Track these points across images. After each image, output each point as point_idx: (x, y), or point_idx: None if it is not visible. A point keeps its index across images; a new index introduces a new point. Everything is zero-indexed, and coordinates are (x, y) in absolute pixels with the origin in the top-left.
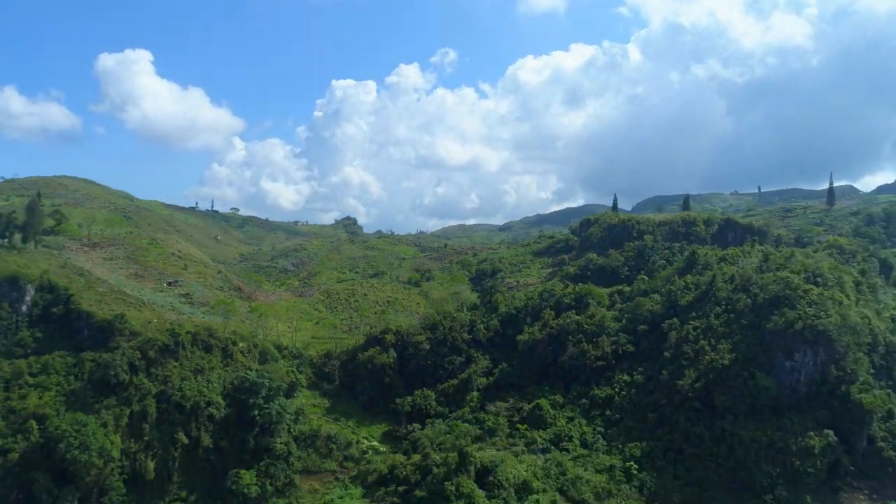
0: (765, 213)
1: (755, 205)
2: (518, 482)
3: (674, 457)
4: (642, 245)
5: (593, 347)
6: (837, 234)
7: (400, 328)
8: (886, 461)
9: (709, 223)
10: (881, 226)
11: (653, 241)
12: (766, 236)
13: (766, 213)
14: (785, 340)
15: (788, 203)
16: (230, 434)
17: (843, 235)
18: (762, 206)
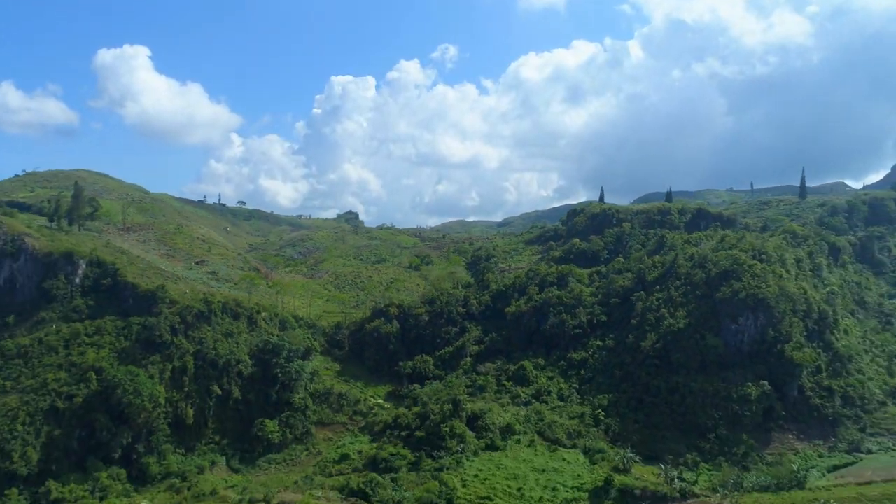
0: (744, 205)
1: (747, 200)
2: (503, 426)
3: (635, 405)
4: (621, 231)
5: (571, 318)
6: (801, 223)
7: (402, 303)
8: (813, 408)
9: (683, 212)
10: (843, 216)
11: (630, 228)
12: (735, 224)
13: (746, 205)
14: (731, 307)
15: (767, 197)
16: (256, 388)
17: (806, 225)
18: (752, 200)
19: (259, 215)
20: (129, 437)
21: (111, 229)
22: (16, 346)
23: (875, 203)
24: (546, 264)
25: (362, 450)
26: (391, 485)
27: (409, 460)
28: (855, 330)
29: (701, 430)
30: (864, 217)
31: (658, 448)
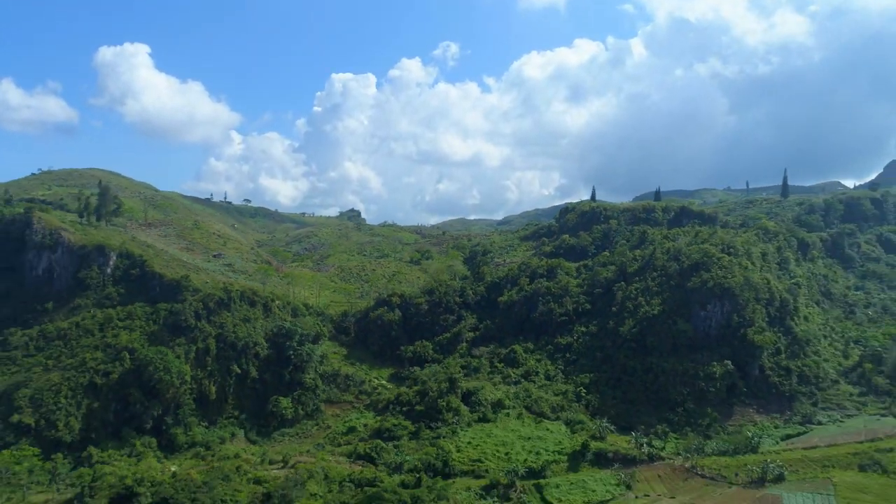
0: (732, 204)
1: (738, 199)
2: (494, 401)
3: (613, 383)
4: (608, 228)
5: (559, 306)
6: (779, 221)
7: (403, 293)
8: (772, 385)
9: (667, 210)
10: (820, 214)
11: (617, 225)
12: (715, 221)
13: (734, 204)
14: (700, 295)
15: (756, 196)
16: (271, 369)
17: (783, 222)
18: (740, 199)
19: (264, 213)
20: (159, 410)
21: (133, 225)
22: (56, 329)
23: (851, 202)
24: (537, 258)
25: (367, 423)
26: (394, 450)
27: (409, 430)
28: (817, 317)
29: (671, 404)
30: (839, 215)
31: (632, 420)
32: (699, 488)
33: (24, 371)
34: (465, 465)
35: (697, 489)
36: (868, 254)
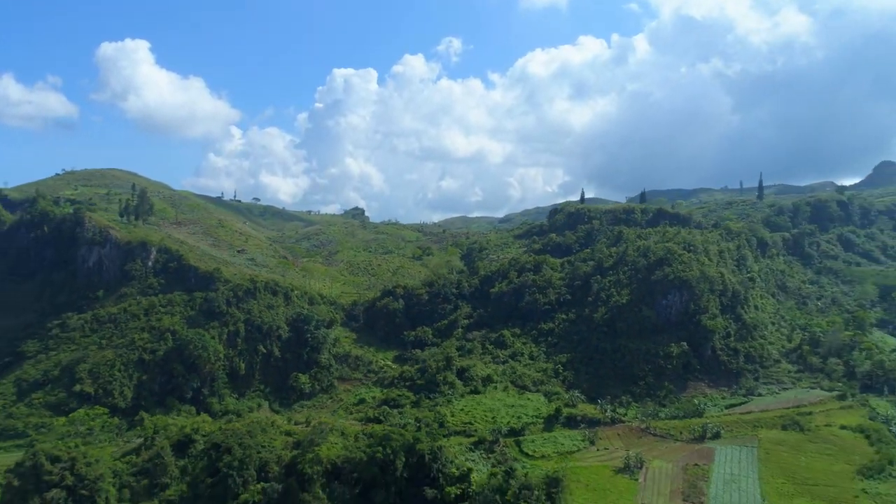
0: (713, 204)
1: (722, 200)
2: (484, 376)
3: (586, 362)
4: (591, 227)
5: (543, 297)
6: (749, 221)
7: (406, 285)
8: (722, 363)
9: (645, 212)
10: (788, 215)
11: (599, 225)
12: (689, 222)
13: (714, 204)
14: (663, 286)
15: (735, 197)
16: (291, 349)
17: (753, 223)
18: (720, 200)
19: (272, 211)
20: (197, 383)
21: (165, 223)
22: (107, 314)
23: (818, 204)
24: (527, 255)
25: (375, 396)
26: (398, 414)
27: (411, 400)
28: (769, 306)
29: (634, 378)
30: (807, 216)
31: (601, 392)
32: (650, 443)
33: (82, 349)
34: (457, 427)
35: (648, 444)
36: (827, 252)
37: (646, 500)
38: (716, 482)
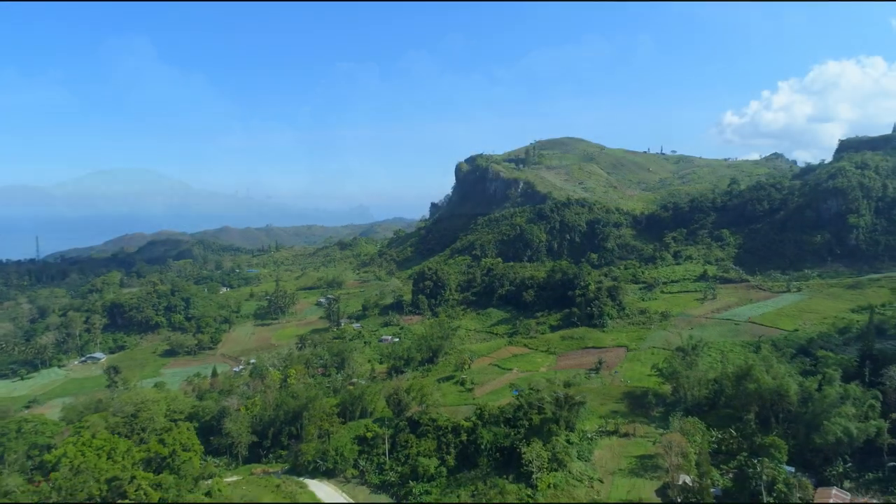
0: None
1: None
2: (696, 255)
3: (760, 248)
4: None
5: (760, 206)
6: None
7: (677, 202)
8: (862, 250)
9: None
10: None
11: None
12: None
13: None
14: (825, 194)
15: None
16: (587, 238)
17: None
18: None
19: (686, 160)
20: (529, 253)
21: (542, 168)
22: (493, 217)
23: None
24: (769, 180)
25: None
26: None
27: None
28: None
29: (787, 259)
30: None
31: (761, 268)
32: (752, 294)
33: (481, 233)
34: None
35: (750, 294)
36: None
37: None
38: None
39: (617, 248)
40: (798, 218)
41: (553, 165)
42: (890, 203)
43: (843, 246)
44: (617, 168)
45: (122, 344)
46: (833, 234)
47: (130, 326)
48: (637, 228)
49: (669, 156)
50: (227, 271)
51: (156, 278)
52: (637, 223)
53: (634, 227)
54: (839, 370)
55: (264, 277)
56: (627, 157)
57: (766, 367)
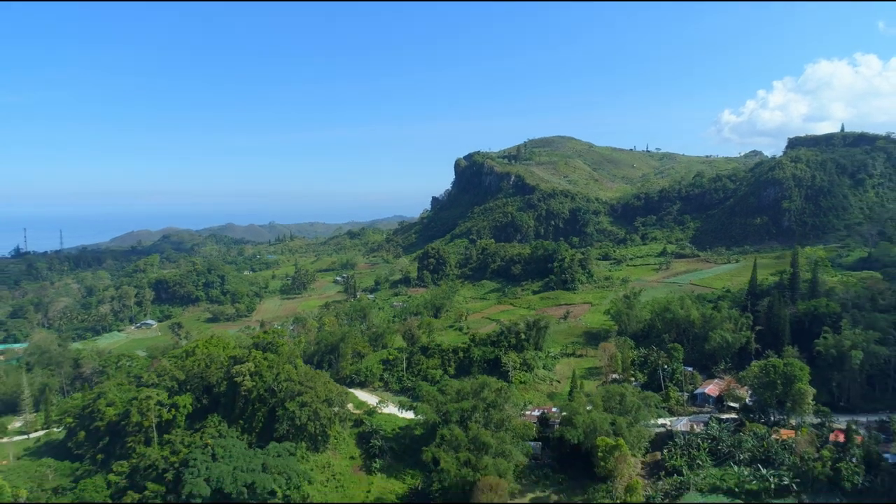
0: None
1: None
2: (660, 237)
3: (711, 231)
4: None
5: (717, 195)
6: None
7: (648, 192)
8: (794, 231)
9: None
10: None
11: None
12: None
13: None
14: (766, 183)
15: None
16: (569, 224)
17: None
18: None
19: (670, 157)
20: (519, 237)
21: (532, 164)
22: (488, 206)
23: None
24: (729, 172)
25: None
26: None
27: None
28: (852, 198)
29: (732, 239)
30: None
31: (711, 246)
32: (700, 265)
33: (476, 221)
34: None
35: (698, 265)
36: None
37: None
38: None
39: (595, 233)
40: (744, 204)
41: (542, 161)
42: (817, 191)
43: (777, 227)
44: (603, 164)
45: (169, 314)
46: (770, 216)
47: (174, 300)
48: (613, 215)
49: (654, 153)
50: (249, 257)
51: (197, 258)
52: (613, 211)
53: (611, 215)
54: (730, 304)
55: (282, 262)
56: (614, 155)
57: (681, 304)
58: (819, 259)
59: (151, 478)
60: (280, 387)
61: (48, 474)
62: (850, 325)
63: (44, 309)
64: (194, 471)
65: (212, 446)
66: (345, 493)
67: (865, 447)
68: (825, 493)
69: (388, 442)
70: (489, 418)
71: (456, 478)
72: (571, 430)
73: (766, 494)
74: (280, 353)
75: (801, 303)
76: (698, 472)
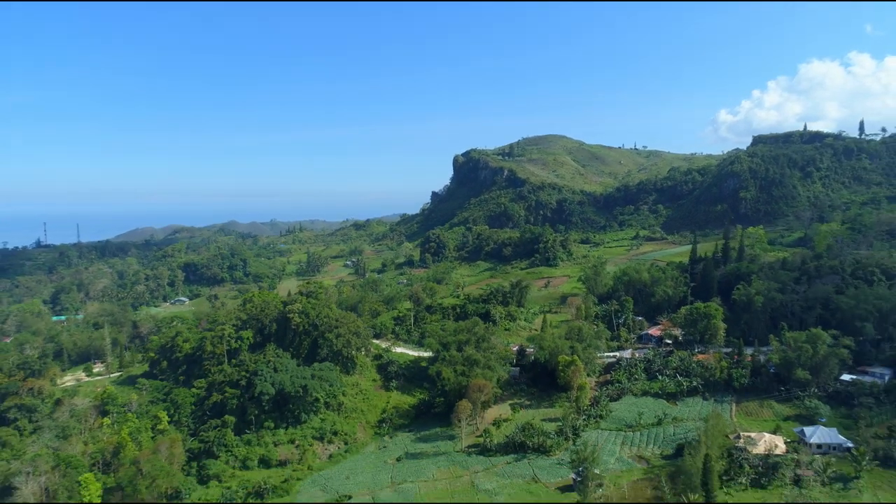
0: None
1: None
2: (637, 223)
3: (682, 218)
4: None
5: (688, 187)
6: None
7: (628, 184)
8: (749, 216)
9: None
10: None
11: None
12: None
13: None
14: (727, 176)
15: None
16: (556, 213)
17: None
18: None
19: (654, 154)
20: (509, 227)
21: (524, 160)
22: (483, 198)
23: None
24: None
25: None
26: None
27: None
28: (800, 187)
29: (697, 224)
30: None
31: (680, 230)
32: (666, 246)
33: (476, 210)
34: (617, 236)
35: (664, 246)
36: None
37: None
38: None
39: (579, 221)
40: (708, 194)
41: (533, 158)
42: (770, 182)
43: (736, 213)
44: (592, 160)
45: (197, 293)
46: (729, 204)
47: (201, 281)
48: (596, 206)
49: (641, 150)
50: (263, 246)
51: (221, 243)
52: (596, 202)
53: (594, 205)
54: (675, 270)
55: (294, 251)
56: (602, 152)
57: (636, 270)
58: (757, 236)
59: (228, 384)
60: (321, 322)
61: (143, 391)
62: (759, 280)
63: (85, 289)
64: (262, 377)
65: (273, 362)
66: (370, 403)
67: (754, 360)
68: (722, 391)
69: (400, 370)
70: (479, 346)
71: (453, 384)
72: (540, 351)
73: (680, 394)
74: (319, 298)
75: (728, 266)
76: (635, 382)
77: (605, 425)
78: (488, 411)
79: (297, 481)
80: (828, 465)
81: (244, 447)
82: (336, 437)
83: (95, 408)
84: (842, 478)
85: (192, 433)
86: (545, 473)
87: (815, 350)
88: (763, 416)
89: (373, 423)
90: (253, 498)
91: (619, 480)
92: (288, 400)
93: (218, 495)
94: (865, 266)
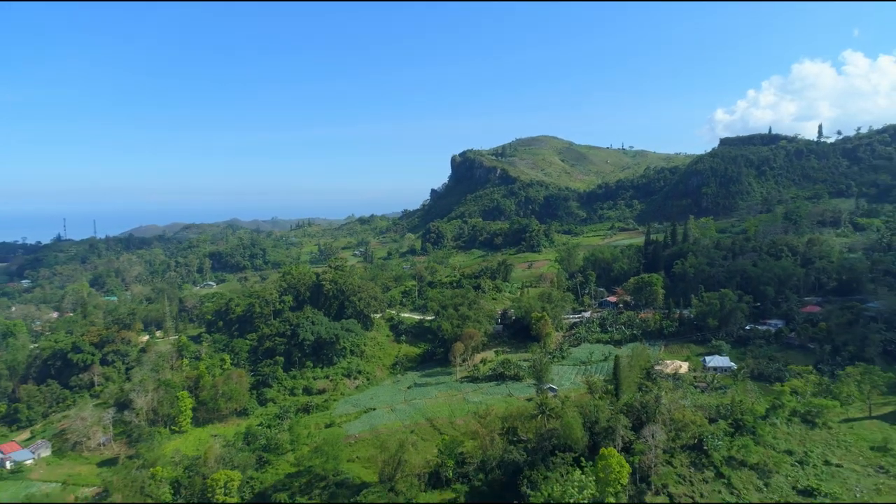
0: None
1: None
2: (617, 216)
3: (653, 211)
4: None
5: (664, 184)
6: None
7: (608, 182)
8: (709, 209)
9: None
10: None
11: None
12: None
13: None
14: (694, 175)
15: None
16: (545, 208)
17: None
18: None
19: (641, 154)
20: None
21: (515, 160)
22: (479, 194)
23: None
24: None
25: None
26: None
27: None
28: (755, 185)
29: (666, 216)
30: None
31: (651, 221)
32: (635, 235)
33: (469, 206)
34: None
35: (634, 235)
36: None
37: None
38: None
39: (564, 215)
40: (675, 190)
41: (524, 157)
42: (728, 179)
43: (698, 207)
44: (580, 160)
45: (223, 279)
46: (693, 200)
47: (225, 268)
48: (580, 201)
49: (628, 150)
50: (275, 239)
51: (240, 235)
52: (581, 198)
53: (578, 201)
54: (633, 250)
55: (304, 243)
56: (590, 152)
57: (601, 251)
58: (707, 226)
59: (277, 335)
60: (347, 288)
61: (208, 343)
62: (693, 257)
63: (121, 275)
64: (303, 328)
65: (311, 317)
66: (385, 351)
67: (681, 316)
68: (655, 338)
69: (408, 328)
70: (471, 307)
71: (450, 334)
72: (518, 309)
73: (624, 341)
74: (345, 270)
75: (674, 247)
76: (591, 334)
77: (565, 363)
78: (477, 356)
79: (334, 402)
80: (714, 378)
81: (291, 380)
82: (360, 374)
83: (175, 351)
84: (722, 386)
85: (251, 372)
86: (518, 391)
87: (722, 305)
88: (682, 354)
89: (388, 366)
90: (302, 413)
91: (569, 394)
92: (323, 346)
93: (276, 411)
94: (777, 245)
